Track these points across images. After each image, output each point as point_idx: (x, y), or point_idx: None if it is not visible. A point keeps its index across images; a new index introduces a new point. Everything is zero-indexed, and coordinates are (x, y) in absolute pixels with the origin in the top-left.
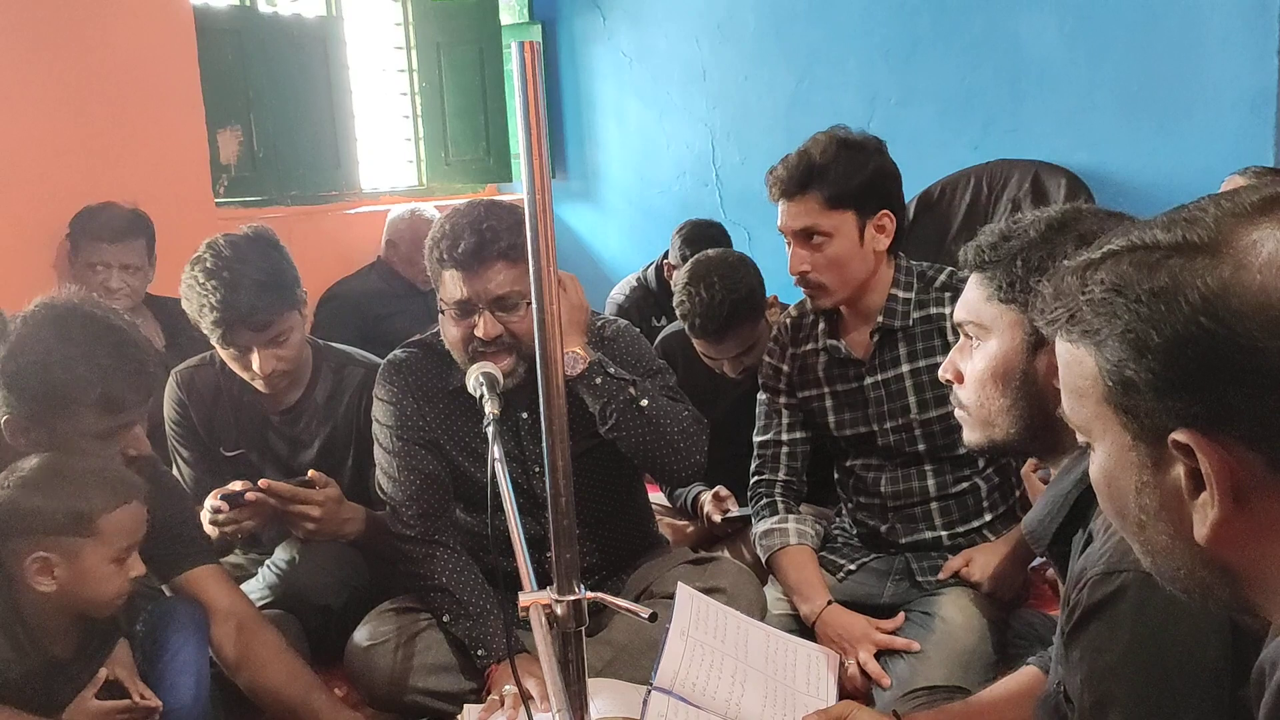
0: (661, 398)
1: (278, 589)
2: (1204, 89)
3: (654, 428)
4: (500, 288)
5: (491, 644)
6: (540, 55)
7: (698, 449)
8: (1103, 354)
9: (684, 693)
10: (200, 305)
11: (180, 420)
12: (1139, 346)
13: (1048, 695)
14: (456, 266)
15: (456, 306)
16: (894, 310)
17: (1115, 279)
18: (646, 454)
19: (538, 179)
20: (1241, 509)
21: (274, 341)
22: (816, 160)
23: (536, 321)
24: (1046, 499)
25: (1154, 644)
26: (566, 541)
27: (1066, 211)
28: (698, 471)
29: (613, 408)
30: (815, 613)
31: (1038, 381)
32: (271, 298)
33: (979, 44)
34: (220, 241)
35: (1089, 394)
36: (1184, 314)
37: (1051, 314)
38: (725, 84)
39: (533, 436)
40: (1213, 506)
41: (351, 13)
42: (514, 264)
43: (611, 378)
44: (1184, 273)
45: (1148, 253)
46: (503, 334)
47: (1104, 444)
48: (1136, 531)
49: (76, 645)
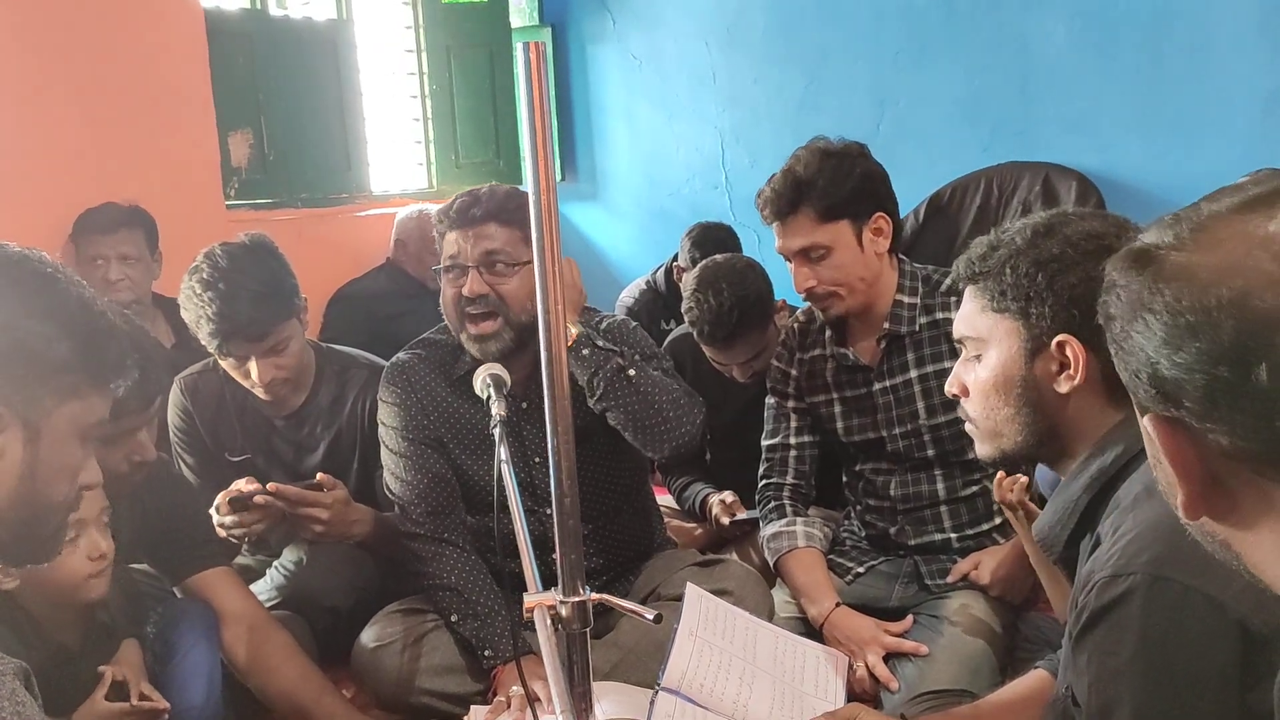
0: (651, 371)
1: (285, 590)
2: (1215, 90)
3: (642, 397)
4: (490, 243)
5: (498, 645)
6: (545, 56)
7: (689, 420)
8: None
9: (691, 693)
10: (198, 316)
11: (184, 427)
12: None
13: (1056, 699)
14: (451, 225)
15: (449, 263)
16: (900, 316)
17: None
18: (637, 424)
19: (543, 179)
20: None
21: (272, 351)
22: (802, 176)
23: (541, 324)
24: (1056, 504)
25: (1161, 647)
26: (572, 543)
27: (1052, 216)
28: (688, 441)
29: (600, 378)
30: (823, 615)
31: (1040, 387)
32: (268, 308)
33: (988, 46)
34: (217, 251)
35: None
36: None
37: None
38: (734, 86)
39: (532, 425)
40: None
41: (362, 16)
42: (505, 225)
43: (599, 349)
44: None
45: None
46: (489, 294)
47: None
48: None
49: (82, 636)
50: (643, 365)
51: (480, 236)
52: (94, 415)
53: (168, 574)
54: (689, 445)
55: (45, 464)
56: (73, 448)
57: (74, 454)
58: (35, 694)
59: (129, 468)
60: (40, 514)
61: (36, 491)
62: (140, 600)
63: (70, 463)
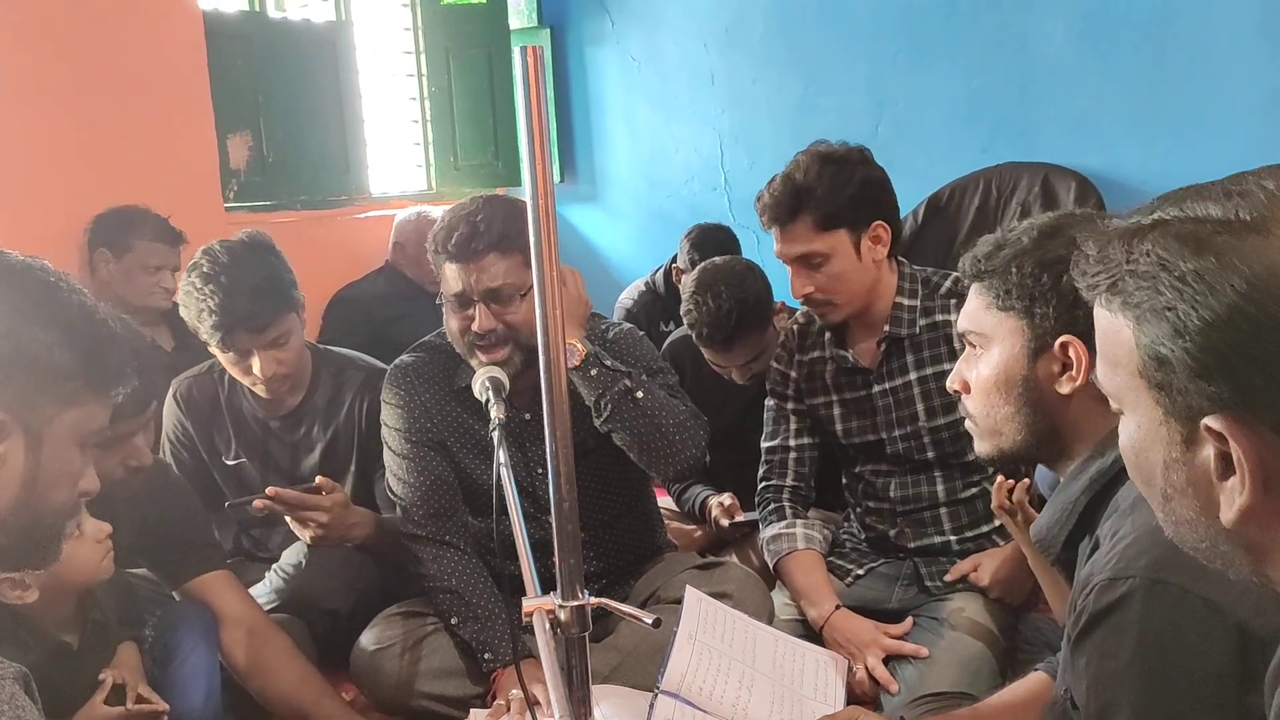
0: (658, 391)
1: (285, 593)
2: (1216, 90)
3: (649, 420)
4: (493, 279)
5: (498, 648)
6: (543, 60)
7: (694, 443)
8: (1141, 328)
9: (691, 696)
10: (199, 310)
11: (178, 435)
12: (1177, 326)
13: (1055, 701)
14: (451, 259)
15: (454, 299)
16: (899, 319)
17: (1161, 252)
18: (642, 446)
19: (541, 183)
20: (1270, 494)
21: (273, 344)
22: (801, 183)
23: (540, 328)
24: (1055, 506)
25: (1160, 649)
26: (570, 547)
27: (1059, 217)
28: (694, 466)
29: (607, 399)
30: (823, 617)
31: (1041, 387)
32: (269, 300)
33: (987, 47)
34: (216, 248)
35: (1123, 364)
36: (1226, 297)
37: (1092, 278)
38: (733, 88)
39: (535, 437)
40: (1241, 492)
41: (360, 18)
42: (506, 255)
43: (607, 369)
44: (1230, 253)
45: (1197, 225)
46: (498, 327)
47: (1135, 415)
48: (1161, 502)
49: (80, 634)
50: (650, 386)
51: (483, 271)
52: (95, 423)
53: (167, 578)
54: (694, 468)
55: (46, 471)
56: (73, 455)
57: (74, 461)
58: (35, 698)
59: (126, 472)
60: (41, 519)
61: (37, 498)
62: (136, 603)
63: (71, 470)
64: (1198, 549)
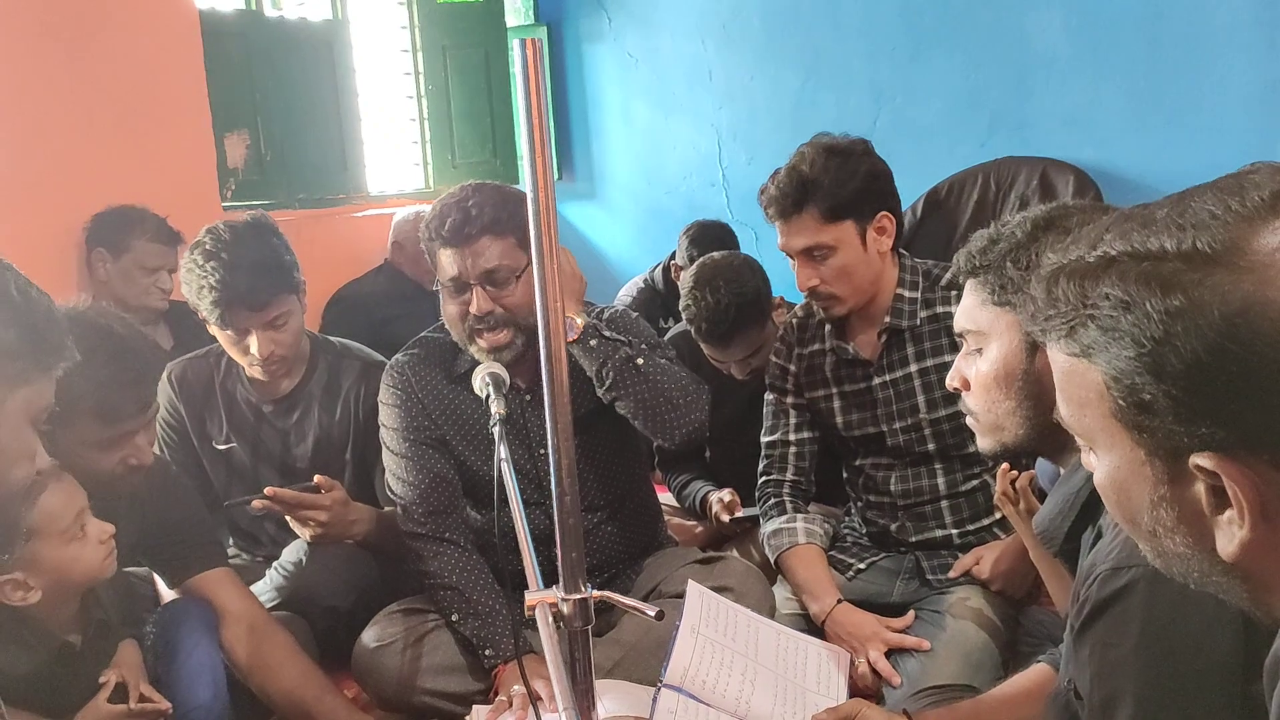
0: (658, 358)
1: (285, 591)
2: (1213, 83)
3: (652, 385)
4: (488, 261)
5: (499, 644)
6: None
7: (697, 406)
8: (1111, 372)
9: (694, 690)
10: (200, 287)
11: (170, 419)
12: (1156, 370)
13: (1058, 692)
14: (445, 244)
15: (450, 284)
16: (900, 310)
17: (1122, 294)
18: (647, 413)
19: (540, 175)
20: (1270, 525)
21: (272, 324)
22: (807, 174)
23: (540, 322)
24: (1057, 498)
25: (1163, 639)
26: (573, 540)
27: (1052, 209)
28: (699, 428)
29: (609, 367)
30: (825, 611)
31: (1041, 381)
32: (269, 279)
33: (985, 41)
34: (220, 227)
35: (1092, 405)
36: (1205, 337)
37: (1044, 321)
38: (731, 84)
39: (534, 412)
40: (1241, 526)
41: (357, 16)
42: (500, 237)
43: (606, 340)
44: (1200, 290)
45: (1156, 264)
46: (496, 309)
47: (1111, 455)
48: (1149, 539)
49: (82, 633)
50: (650, 354)
51: (478, 254)
52: (43, 400)
53: (168, 576)
54: (699, 433)
55: (4, 451)
56: (27, 433)
57: (29, 439)
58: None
59: (126, 471)
60: (3, 500)
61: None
62: (135, 601)
63: (27, 448)
64: (1188, 578)
